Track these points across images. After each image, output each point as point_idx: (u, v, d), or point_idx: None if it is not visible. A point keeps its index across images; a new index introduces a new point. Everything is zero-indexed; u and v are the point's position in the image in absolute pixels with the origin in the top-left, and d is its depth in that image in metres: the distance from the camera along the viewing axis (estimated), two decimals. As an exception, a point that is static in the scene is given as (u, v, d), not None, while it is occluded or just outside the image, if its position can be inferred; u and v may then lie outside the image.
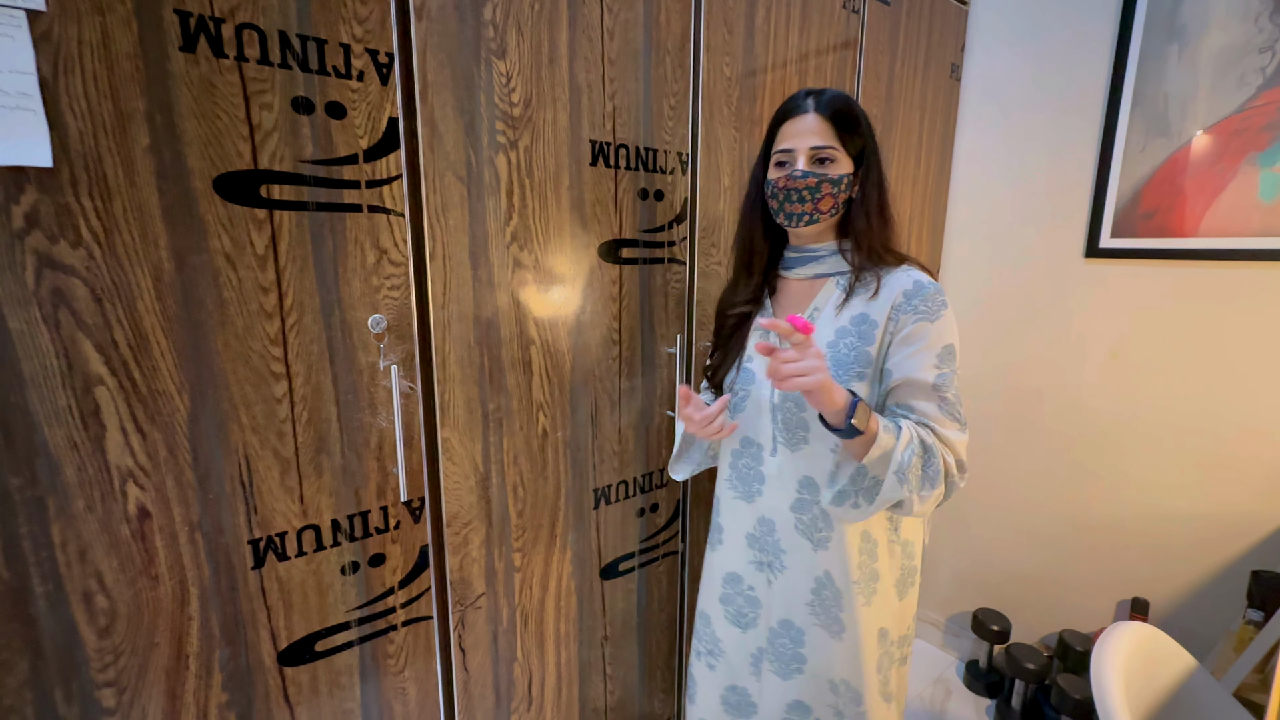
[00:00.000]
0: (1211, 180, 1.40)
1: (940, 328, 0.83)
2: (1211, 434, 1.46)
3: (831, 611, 0.94)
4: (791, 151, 0.87)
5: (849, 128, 0.86)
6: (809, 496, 0.92)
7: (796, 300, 0.95)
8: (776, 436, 0.94)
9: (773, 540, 0.97)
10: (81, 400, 0.65)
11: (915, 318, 0.83)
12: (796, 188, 0.86)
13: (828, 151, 0.85)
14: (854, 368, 0.86)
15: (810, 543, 0.94)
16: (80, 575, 0.67)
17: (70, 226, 0.62)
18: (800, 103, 0.87)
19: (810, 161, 0.86)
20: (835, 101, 0.86)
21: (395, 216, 0.83)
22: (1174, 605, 1.55)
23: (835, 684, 0.97)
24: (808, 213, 0.87)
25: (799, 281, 0.96)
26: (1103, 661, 0.94)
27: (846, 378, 0.86)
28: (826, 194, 0.86)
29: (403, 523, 0.91)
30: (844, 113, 0.86)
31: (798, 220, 0.88)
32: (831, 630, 0.95)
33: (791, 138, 0.87)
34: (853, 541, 0.92)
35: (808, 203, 0.86)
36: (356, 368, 0.83)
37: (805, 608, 0.96)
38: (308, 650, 0.85)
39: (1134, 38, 1.48)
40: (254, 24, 0.69)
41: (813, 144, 0.85)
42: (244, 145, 0.71)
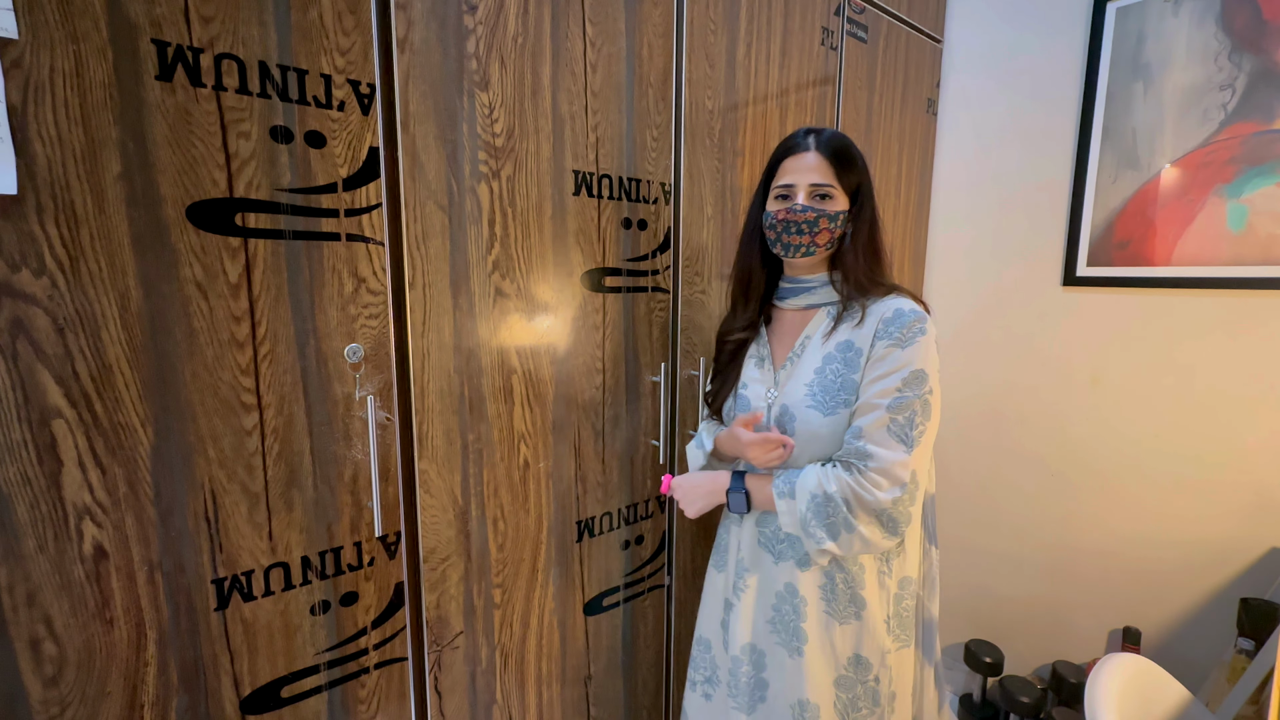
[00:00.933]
0: (1181, 211, 1.44)
1: (911, 354, 0.84)
2: (1194, 459, 1.47)
3: (791, 625, 0.93)
4: (792, 186, 0.91)
5: (846, 166, 0.90)
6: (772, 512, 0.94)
7: (790, 329, 0.99)
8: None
9: (741, 558, 1.00)
10: (37, 434, 0.62)
11: (887, 343, 0.85)
12: (796, 220, 0.90)
13: (826, 189, 0.90)
14: (840, 394, 0.88)
15: (771, 555, 0.96)
16: (28, 620, 0.64)
17: (34, 254, 0.61)
18: (801, 141, 0.92)
19: (810, 197, 0.90)
20: (834, 141, 0.91)
21: (374, 245, 0.82)
22: (1165, 634, 1.54)
23: (797, 704, 0.93)
24: (805, 244, 0.91)
25: (792, 312, 1.00)
26: (1097, 696, 0.92)
27: (834, 404, 0.88)
28: (824, 229, 0.90)
29: (377, 559, 0.88)
30: (842, 152, 0.90)
31: (795, 251, 0.92)
32: (791, 647, 0.94)
33: (792, 173, 0.91)
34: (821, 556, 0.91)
35: (805, 235, 0.90)
36: (331, 398, 0.81)
37: (766, 625, 0.96)
38: (273, 697, 0.81)
39: (1101, 75, 1.54)
40: (233, 54, 0.69)
41: (813, 180, 0.90)
42: (220, 173, 0.70)
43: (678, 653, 1.34)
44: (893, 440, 0.83)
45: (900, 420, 0.83)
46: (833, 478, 0.84)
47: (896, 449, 0.83)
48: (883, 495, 0.82)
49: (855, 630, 0.92)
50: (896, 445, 0.83)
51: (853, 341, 0.89)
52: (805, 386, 0.91)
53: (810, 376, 0.90)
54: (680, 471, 1.24)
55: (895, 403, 0.83)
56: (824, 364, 0.90)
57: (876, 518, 0.83)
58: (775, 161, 0.95)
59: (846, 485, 0.83)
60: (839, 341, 0.90)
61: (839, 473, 0.84)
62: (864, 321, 0.89)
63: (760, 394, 0.98)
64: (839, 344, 0.90)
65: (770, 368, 0.98)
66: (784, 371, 0.96)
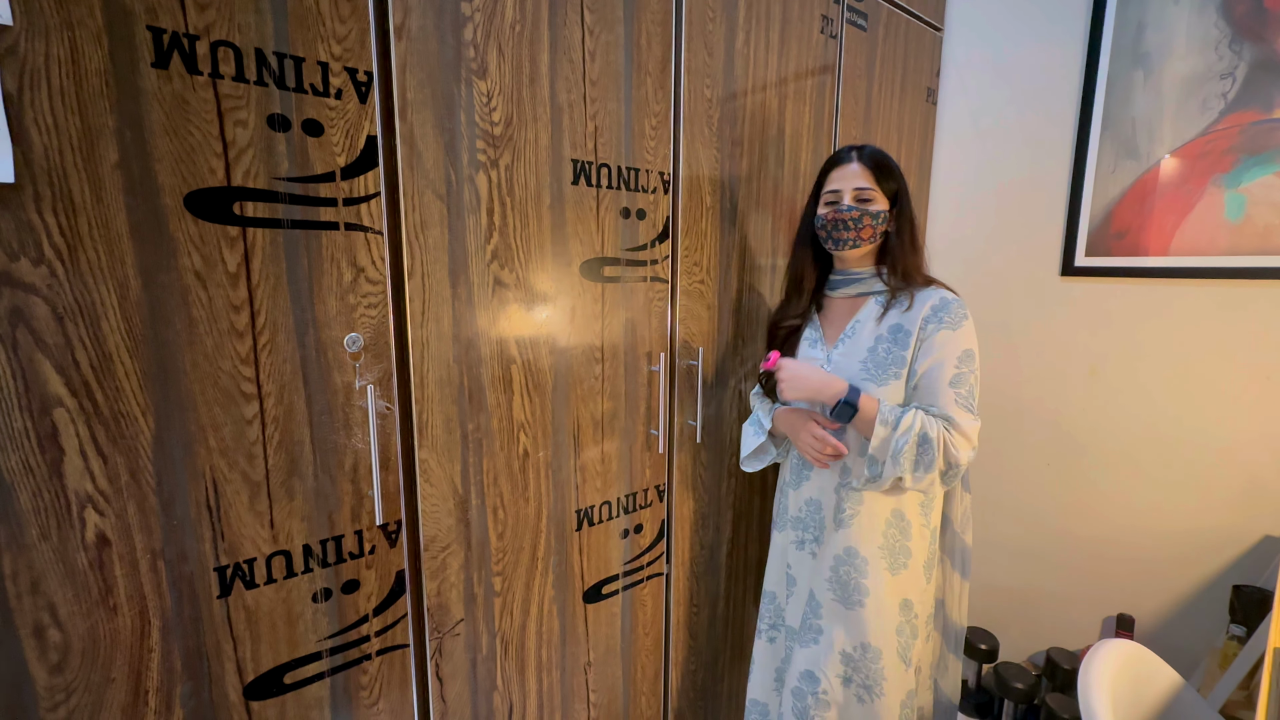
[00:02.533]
0: (1180, 201, 1.44)
1: (960, 335, 1.01)
2: (1189, 449, 1.48)
3: (850, 584, 1.09)
4: (839, 192, 1.07)
5: (885, 174, 1.07)
6: (841, 480, 1.11)
7: (840, 314, 1.15)
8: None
9: (817, 520, 1.15)
10: (39, 423, 0.62)
11: (939, 327, 1.01)
12: (843, 219, 1.06)
13: (868, 193, 1.06)
14: (891, 368, 1.04)
15: (834, 524, 1.12)
16: (31, 608, 0.64)
17: (32, 243, 0.61)
18: (845, 155, 1.09)
19: (854, 199, 1.06)
20: (874, 154, 1.07)
21: (373, 234, 0.82)
22: (1159, 621, 1.56)
23: (849, 654, 1.10)
24: (852, 238, 1.07)
25: (842, 300, 1.15)
26: (1090, 681, 0.93)
27: (886, 376, 1.04)
28: (867, 224, 1.06)
29: (378, 547, 0.88)
30: (880, 163, 1.07)
31: (844, 244, 1.08)
32: (849, 602, 1.10)
33: (839, 181, 1.08)
34: (880, 517, 1.08)
35: (852, 230, 1.06)
36: (331, 388, 0.81)
37: (825, 583, 1.13)
38: (276, 683, 0.82)
39: (1101, 64, 1.53)
40: (230, 41, 0.69)
41: (856, 185, 1.06)
42: (217, 162, 0.69)
43: (676, 640, 1.35)
44: (963, 410, 1.00)
45: (963, 393, 1.00)
46: (934, 424, 0.98)
47: (968, 417, 1.00)
48: (963, 454, 0.99)
49: (905, 579, 1.09)
50: (967, 414, 1.00)
51: (902, 325, 1.04)
52: (860, 362, 1.07)
53: (864, 354, 1.06)
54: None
55: (956, 378, 1.00)
56: (876, 343, 1.06)
57: (950, 467, 1.00)
58: (824, 174, 1.11)
59: (942, 435, 0.98)
60: (890, 325, 1.05)
61: (937, 422, 0.99)
62: (912, 308, 1.04)
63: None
64: (890, 326, 1.05)
65: (824, 347, 1.14)
66: (838, 350, 1.11)
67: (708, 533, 1.37)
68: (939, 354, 1.01)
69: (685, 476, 1.29)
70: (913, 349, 1.03)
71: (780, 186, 1.36)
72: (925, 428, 0.98)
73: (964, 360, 1.01)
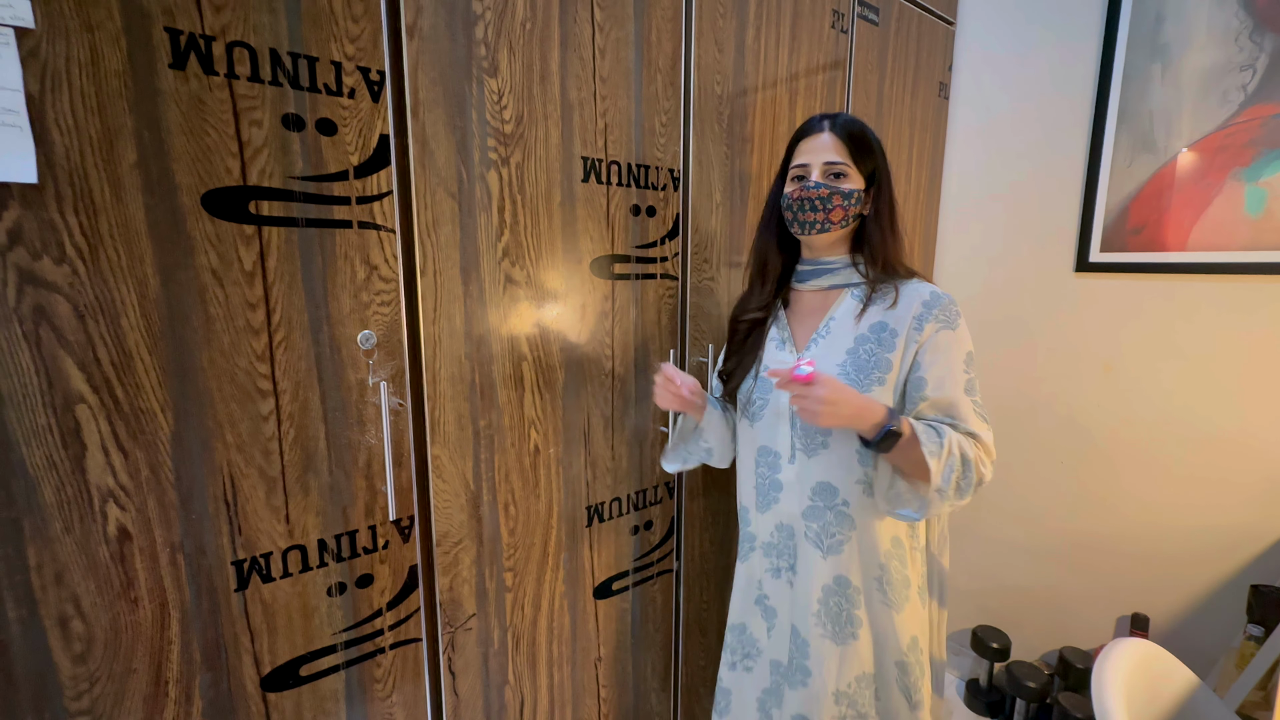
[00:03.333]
0: (1198, 195, 1.42)
1: (960, 335, 0.89)
2: (1207, 447, 1.46)
3: (842, 615, 0.95)
4: (807, 166, 0.93)
5: (861, 148, 0.92)
6: (821, 503, 0.95)
7: (811, 310, 0.99)
8: (795, 443, 0.96)
9: (790, 546, 1.00)
10: (61, 419, 0.64)
11: (938, 327, 0.88)
12: (810, 197, 0.91)
13: (840, 167, 0.91)
14: (874, 372, 0.89)
15: (820, 550, 0.96)
16: (56, 599, 0.66)
17: (54, 243, 0.62)
18: (816, 124, 0.94)
19: (824, 175, 0.92)
20: (849, 124, 0.92)
21: (386, 232, 0.82)
22: (1174, 621, 1.54)
23: (840, 693, 0.96)
24: (819, 221, 0.92)
25: (812, 293, 1.00)
26: (1104, 679, 0.92)
27: (868, 381, 0.89)
28: (837, 205, 0.91)
29: (391, 542, 0.89)
30: (857, 134, 0.92)
31: (810, 228, 0.93)
32: (840, 638, 0.96)
33: (807, 154, 0.93)
34: (877, 544, 0.94)
35: (819, 211, 0.91)
36: (345, 384, 0.82)
37: (812, 618, 0.97)
38: (292, 675, 0.83)
39: (1118, 57, 1.51)
40: (245, 42, 0.69)
41: (826, 159, 0.91)
42: (233, 161, 0.70)
43: (686, 636, 1.35)
44: (979, 420, 0.88)
45: (977, 400, 0.89)
46: (966, 441, 0.85)
47: (985, 428, 0.88)
48: (989, 471, 0.87)
49: (907, 614, 0.95)
50: (984, 424, 0.88)
51: (886, 323, 0.90)
52: (837, 366, 0.91)
53: (842, 356, 0.91)
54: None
55: (969, 385, 0.88)
56: (856, 344, 0.91)
57: (974, 489, 0.86)
58: (792, 145, 0.97)
59: (976, 454, 0.86)
60: (872, 323, 0.91)
61: (968, 440, 0.86)
62: (898, 304, 0.90)
63: None
64: (871, 325, 0.91)
65: (793, 349, 0.98)
66: (809, 352, 0.95)
67: (718, 529, 1.37)
68: (946, 360, 0.88)
69: (695, 473, 1.29)
70: (900, 351, 0.89)
71: (791, 183, 1.36)
72: (963, 448, 0.84)
73: (969, 364, 0.89)
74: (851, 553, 0.95)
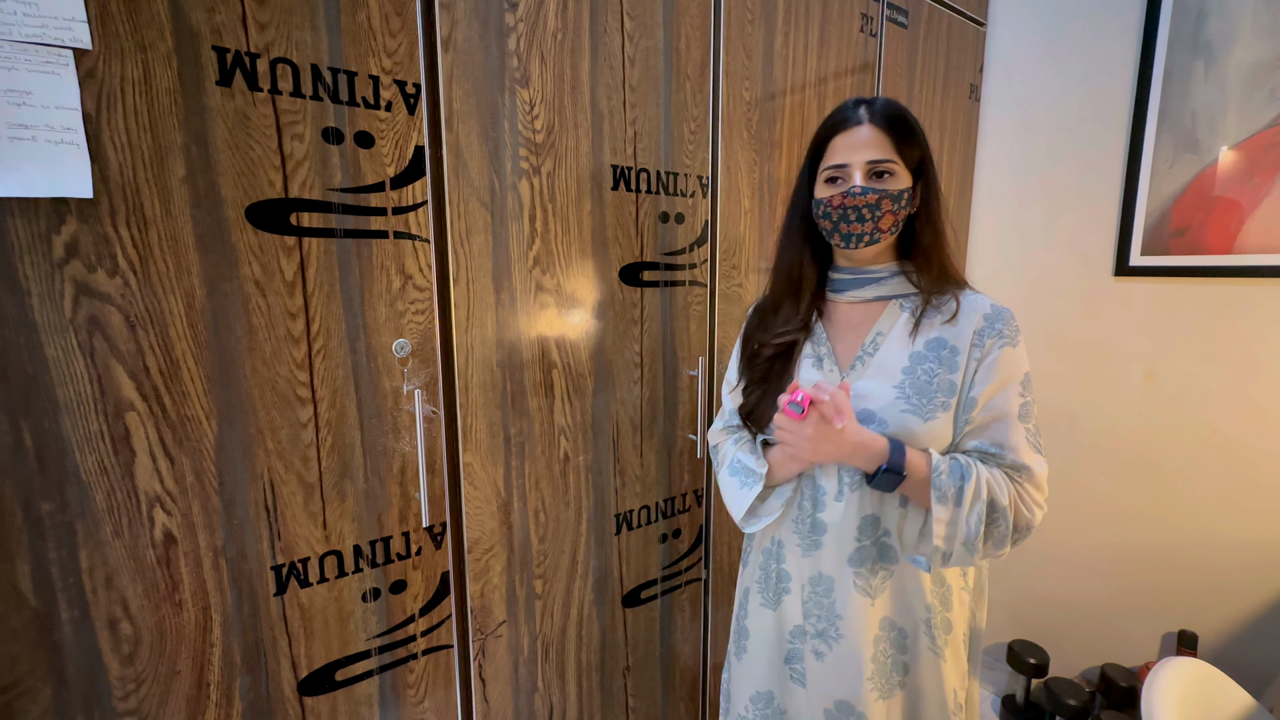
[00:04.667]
0: (1246, 196, 1.37)
1: (1020, 354, 0.78)
2: (1255, 455, 1.40)
3: (888, 665, 0.83)
4: (846, 167, 0.78)
5: (906, 137, 0.77)
6: (868, 541, 0.81)
7: (853, 325, 0.85)
8: (843, 477, 0.82)
9: (828, 605, 0.84)
10: (113, 426, 0.66)
11: (1000, 343, 0.77)
12: (855, 205, 0.77)
13: (886, 165, 0.76)
14: (938, 396, 0.77)
15: (869, 598, 0.82)
16: (106, 601, 0.67)
17: (108, 255, 0.64)
18: (852, 113, 0.78)
19: (868, 176, 0.77)
20: (890, 109, 0.78)
21: (420, 242, 0.83)
22: (1224, 638, 1.47)
23: None
24: (868, 233, 0.78)
25: (853, 305, 0.86)
26: (1154, 701, 0.89)
27: (932, 408, 0.77)
28: (887, 211, 0.77)
29: (424, 549, 0.90)
30: (899, 121, 0.77)
31: (857, 241, 0.79)
32: (885, 691, 0.83)
33: (845, 151, 0.78)
34: (921, 583, 0.82)
35: (868, 222, 0.77)
36: (380, 392, 0.83)
37: (867, 682, 0.82)
38: (328, 679, 0.84)
39: (1158, 55, 1.47)
40: (288, 58, 0.71)
41: (870, 157, 0.76)
42: (276, 175, 0.72)
43: (715, 646, 1.34)
44: (1033, 451, 0.77)
45: (1032, 429, 0.77)
46: (1004, 487, 0.73)
47: (1039, 461, 0.76)
48: (1037, 512, 0.75)
49: (949, 661, 0.83)
50: (1038, 456, 0.77)
51: (946, 340, 0.78)
52: (894, 389, 0.78)
53: (899, 377, 0.78)
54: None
55: (1024, 410, 0.77)
56: (913, 364, 0.78)
57: (1021, 534, 0.75)
58: (822, 139, 0.81)
59: (1014, 498, 0.74)
60: (929, 339, 0.79)
61: (1005, 480, 0.74)
62: (958, 318, 0.78)
63: None
64: (929, 341, 0.78)
65: (834, 368, 0.84)
66: (854, 373, 0.82)
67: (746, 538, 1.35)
68: (1003, 378, 0.76)
69: (723, 481, 1.28)
70: (964, 372, 0.77)
71: (819, 188, 1.34)
72: (994, 493, 0.73)
73: (1027, 387, 0.78)
74: (897, 590, 0.82)
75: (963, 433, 0.78)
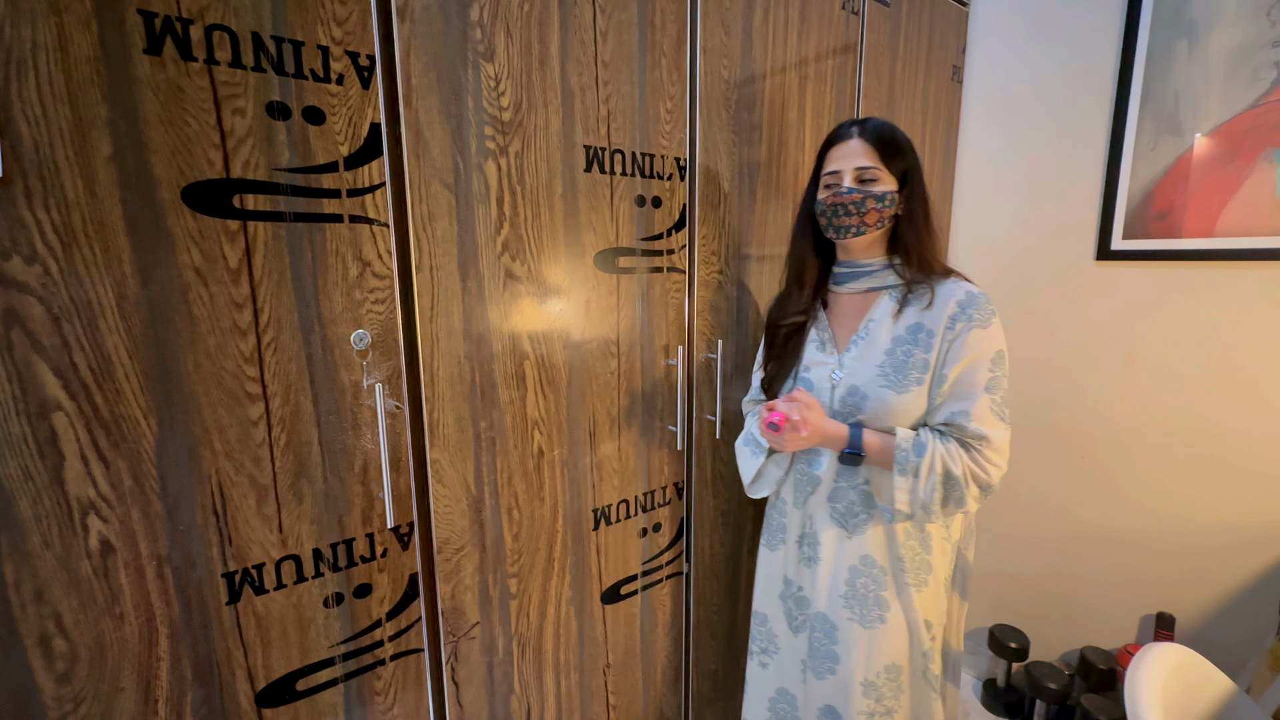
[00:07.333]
0: (1227, 178, 1.36)
1: (992, 333, 0.90)
2: (1235, 440, 1.41)
3: (869, 597, 0.99)
4: (838, 173, 0.95)
5: (891, 151, 0.94)
6: (844, 483, 0.99)
7: (850, 312, 1.02)
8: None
9: (812, 533, 1.04)
10: (37, 427, 0.60)
11: (970, 326, 0.89)
12: (843, 203, 0.94)
13: (871, 172, 0.93)
14: (913, 373, 0.92)
15: (844, 529, 1.00)
16: (36, 617, 0.62)
17: (24, 241, 0.58)
18: (845, 131, 0.97)
19: (856, 180, 0.94)
20: (878, 129, 0.95)
21: (379, 227, 0.78)
22: (1201, 620, 1.49)
23: (869, 683, 1.00)
24: (854, 225, 0.95)
25: (850, 295, 1.02)
26: (1138, 687, 0.88)
27: (906, 383, 0.92)
28: (871, 208, 0.93)
29: (390, 550, 0.86)
30: (886, 138, 0.94)
31: (845, 232, 0.96)
32: (867, 620, 0.99)
33: (838, 160, 0.96)
34: (898, 526, 0.98)
35: (854, 216, 0.94)
36: (339, 387, 0.78)
37: (840, 600, 1.01)
38: (288, 690, 0.80)
39: (1141, 35, 1.45)
40: (225, 25, 0.65)
41: (857, 165, 0.94)
42: (215, 153, 0.67)
43: (697, 640, 1.32)
44: (996, 419, 0.89)
45: (998, 399, 0.90)
46: (956, 457, 0.88)
47: (1001, 428, 0.89)
48: (995, 472, 0.89)
49: (926, 596, 0.99)
50: (1000, 424, 0.89)
51: (923, 324, 0.92)
52: (876, 367, 0.94)
53: (881, 357, 0.94)
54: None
55: (992, 383, 0.89)
56: (894, 345, 0.94)
57: (983, 492, 0.89)
58: (823, 152, 1.00)
59: (968, 466, 0.88)
60: (909, 324, 0.94)
61: (960, 451, 0.89)
62: (934, 304, 0.92)
63: (825, 375, 1.00)
64: (909, 326, 0.93)
65: (834, 350, 1.01)
66: (849, 354, 0.98)
67: (728, 531, 1.33)
68: (972, 355, 0.89)
69: (704, 474, 1.25)
70: (937, 351, 0.91)
71: (801, 172, 1.31)
72: (948, 464, 0.88)
73: (997, 362, 0.90)
74: (876, 533, 0.98)
75: (935, 404, 0.92)
